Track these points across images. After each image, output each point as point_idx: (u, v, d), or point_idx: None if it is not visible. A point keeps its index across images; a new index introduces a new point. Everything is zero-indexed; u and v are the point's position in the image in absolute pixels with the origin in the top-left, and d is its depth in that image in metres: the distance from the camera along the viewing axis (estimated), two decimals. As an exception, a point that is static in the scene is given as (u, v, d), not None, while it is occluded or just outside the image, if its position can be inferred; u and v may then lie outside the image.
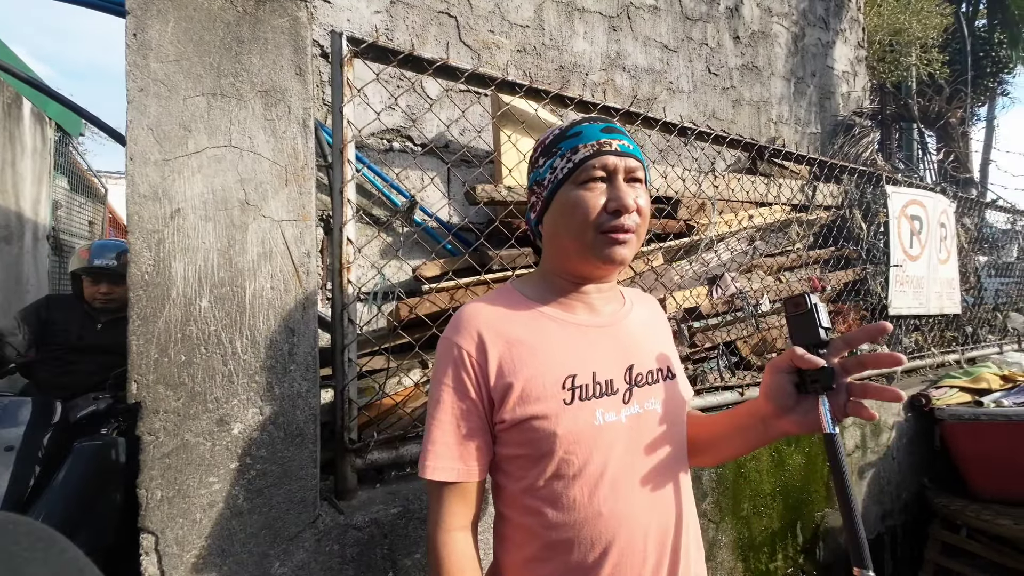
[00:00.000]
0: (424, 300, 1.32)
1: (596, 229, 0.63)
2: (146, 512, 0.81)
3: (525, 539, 0.64)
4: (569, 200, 0.64)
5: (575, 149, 0.64)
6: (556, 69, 2.20)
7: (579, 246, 0.64)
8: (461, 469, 0.62)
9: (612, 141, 0.64)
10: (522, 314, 0.66)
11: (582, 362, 0.63)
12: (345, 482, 1.04)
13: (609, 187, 0.63)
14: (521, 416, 0.61)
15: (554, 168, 0.66)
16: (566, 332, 0.66)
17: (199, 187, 0.87)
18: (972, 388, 2.14)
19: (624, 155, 0.64)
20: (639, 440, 0.64)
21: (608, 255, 0.63)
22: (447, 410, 0.63)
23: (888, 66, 4.48)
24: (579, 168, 0.64)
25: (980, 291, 3.25)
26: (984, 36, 7.07)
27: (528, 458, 0.62)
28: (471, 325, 0.64)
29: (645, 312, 0.76)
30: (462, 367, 0.63)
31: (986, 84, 7.00)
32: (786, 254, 2.25)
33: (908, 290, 2.45)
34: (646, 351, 0.69)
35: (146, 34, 0.85)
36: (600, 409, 0.62)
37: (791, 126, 3.24)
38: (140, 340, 0.82)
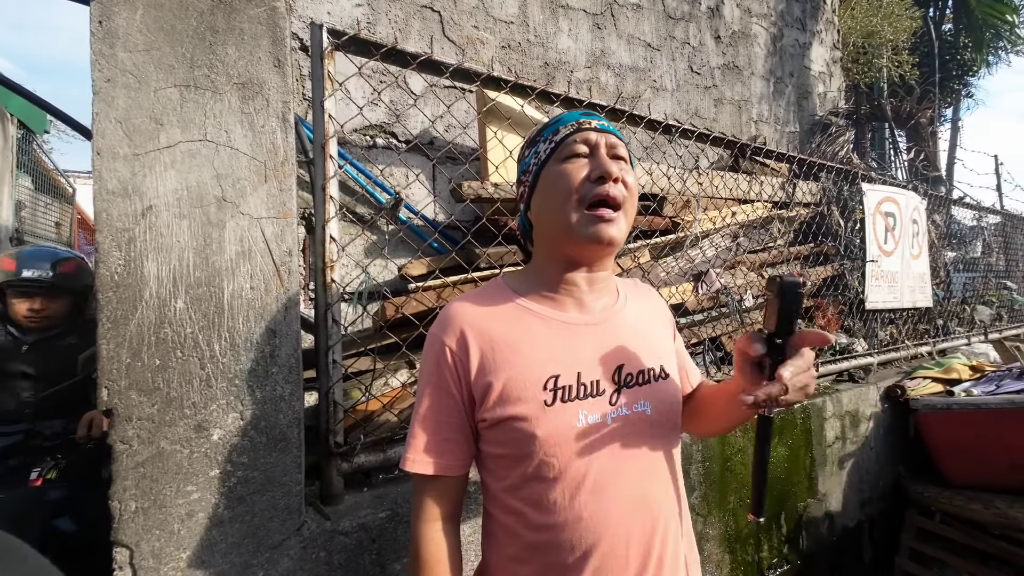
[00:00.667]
0: (410, 299, 1.30)
1: (581, 202, 0.61)
2: (119, 524, 0.77)
3: (507, 538, 0.64)
4: (551, 175, 0.64)
5: (556, 131, 0.66)
6: (541, 66, 2.19)
7: (564, 222, 0.62)
8: (438, 463, 0.62)
9: (591, 120, 0.65)
10: (508, 311, 0.65)
11: (567, 362, 0.62)
12: (331, 487, 1.02)
13: (591, 160, 0.63)
14: (501, 416, 0.60)
15: (538, 153, 0.67)
16: (552, 330, 0.64)
17: (172, 183, 0.83)
18: (944, 379, 2.21)
19: (604, 132, 0.64)
20: (626, 443, 0.62)
21: (594, 233, 0.61)
22: (428, 405, 0.64)
23: (862, 67, 4.61)
24: (561, 145, 0.64)
25: (949, 285, 3.37)
26: (950, 40, 7.35)
27: (509, 458, 0.61)
28: (455, 322, 0.64)
29: (641, 306, 0.74)
30: (444, 363, 0.63)
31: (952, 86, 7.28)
32: (768, 250, 2.29)
33: (883, 284, 2.53)
34: (639, 350, 0.67)
35: (112, 22, 0.80)
36: (583, 411, 0.60)
37: (771, 125, 3.30)
38: (111, 344, 0.78)
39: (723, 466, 1.59)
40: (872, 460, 2.10)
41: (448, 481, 0.64)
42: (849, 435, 2.01)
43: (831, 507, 1.91)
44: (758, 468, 0.65)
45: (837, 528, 1.91)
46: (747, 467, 1.65)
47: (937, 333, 2.91)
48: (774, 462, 1.73)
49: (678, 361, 0.75)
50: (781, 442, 1.75)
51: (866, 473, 2.07)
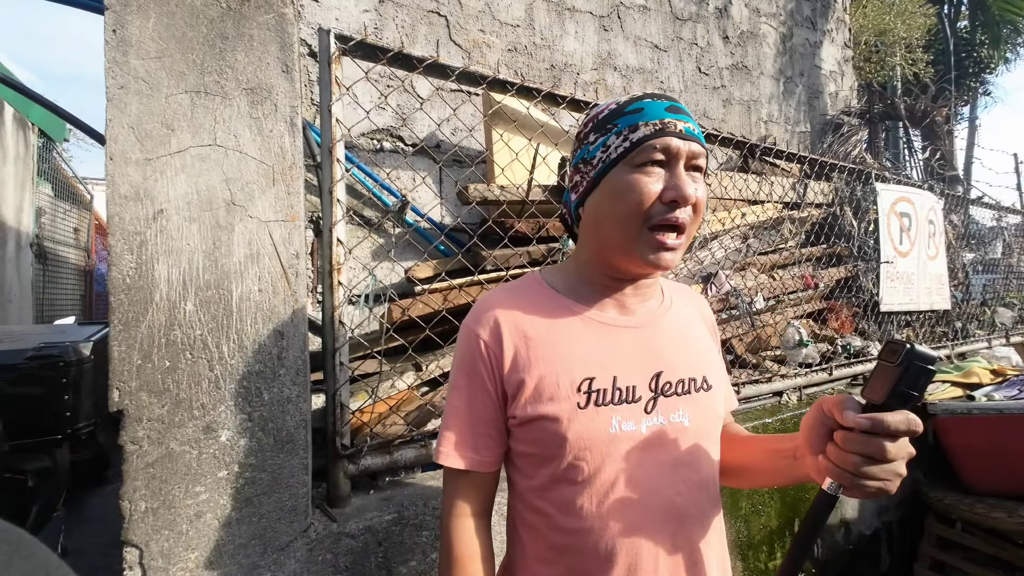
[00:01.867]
0: (417, 302, 1.30)
1: (646, 221, 0.56)
2: (129, 524, 0.77)
3: (533, 538, 0.62)
4: (621, 183, 0.57)
5: (634, 127, 0.57)
6: (547, 68, 2.20)
7: (623, 238, 0.57)
8: (473, 458, 0.61)
9: (677, 122, 0.56)
10: (545, 307, 0.62)
11: (603, 365, 0.59)
12: (338, 489, 1.02)
13: (668, 173, 0.56)
14: (532, 415, 0.58)
15: (607, 146, 0.59)
16: (590, 330, 0.61)
17: (183, 187, 0.85)
18: (963, 383, 2.15)
19: (688, 138, 0.56)
20: (661, 454, 0.58)
21: (654, 260, 0.57)
22: (462, 398, 0.62)
23: (874, 66, 4.54)
24: (637, 148, 0.56)
25: (968, 287, 3.29)
26: (966, 37, 7.22)
27: (537, 457, 0.60)
28: (490, 314, 0.62)
29: (687, 311, 0.69)
30: (478, 356, 0.61)
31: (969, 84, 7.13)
32: (779, 252, 2.26)
33: (899, 286, 2.47)
34: (681, 357, 0.63)
35: (126, 30, 0.82)
36: (617, 417, 0.58)
37: (781, 125, 3.26)
38: (122, 346, 0.79)
39: (734, 471, 1.56)
40: (889, 466, 2.05)
41: (481, 476, 0.62)
42: (865, 440, 1.96)
43: (846, 514, 1.86)
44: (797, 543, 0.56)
45: (853, 535, 1.86)
46: (759, 472, 1.62)
47: (956, 336, 2.83)
48: (787, 467, 1.69)
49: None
50: (794, 447, 1.72)
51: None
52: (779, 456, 0.62)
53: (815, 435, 0.53)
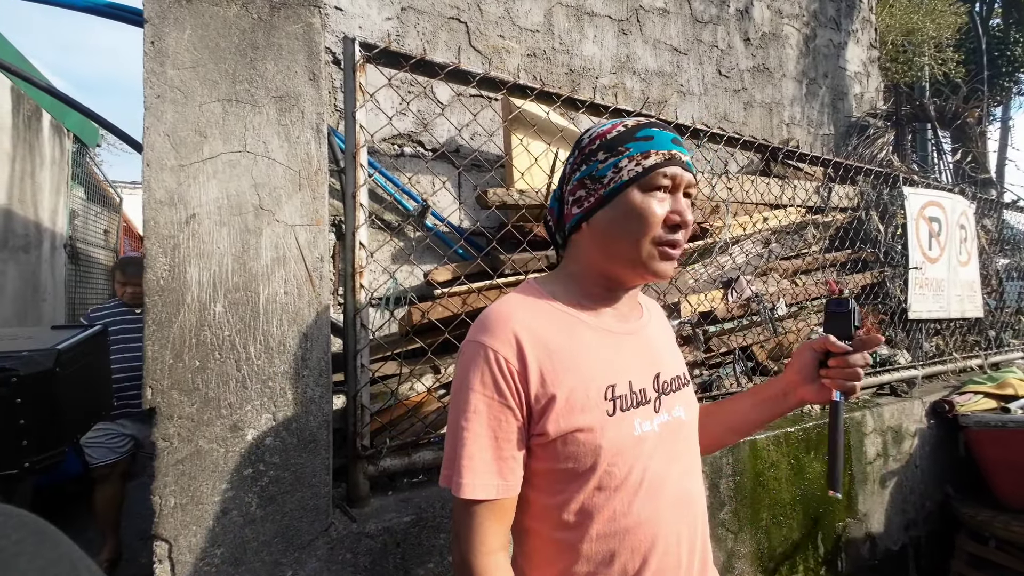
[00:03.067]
0: (436, 305, 1.32)
1: (654, 241, 0.62)
2: (160, 519, 0.80)
3: (557, 554, 0.60)
4: (635, 205, 0.61)
5: (646, 154, 0.62)
6: (566, 73, 2.20)
7: (634, 254, 0.62)
8: (501, 485, 0.57)
9: (680, 155, 0.64)
10: (557, 318, 0.63)
11: (618, 371, 0.63)
12: (357, 489, 1.03)
13: (672, 200, 0.63)
14: (566, 429, 0.57)
15: (619, 167, 0.62)
16: (601, 339, 0.64)
17: (214, 192, 0.88)
18: (998, 394, 2.07)
19: (688, 170, 0.65)
20: (671, 448, 0.64)
21: (661, 269, 0.64)
22: (482, 421, 0.57)
23: (901, 66, 4.42)
24: (649, 173, 0.62)
25: (1002, 294, 3.17)
26: (999, 35, 6.96)
27: (568, 472, 0.58)
28: (506, 328, 0.59)
29: (659, 318, 0.78)
30: (500, 374, 0.57)
31: (1002, 84, 6.87)
32: (802, 257, 2.21)
33: (928, 293, 2.39)
34: (667, 357, 0.70)
35: (163, 42, 0.85)
36: (638, 419, 0.62)
37: (803, 128, 3.20)
38: (155, 345, 0.82)
39: (755, 481, 1.53)
40: (917, 479, 1.98)
41: (508, 503, 0.58)
42: (892, 452, 1.90)
43: (872, 528, 1.80)
44: (833, 445, 0.72)
45: (879, 551, 1.80)
46: (780, 482, 1.58)
47: (989, 345, 2.73)
48: (809, 478, 1.65)
49: None
50: (816, 457, 1.68)
51: (910, 493, 1.95)
52: (769, 402, 0.77)
53: (811, 368, 0.73)
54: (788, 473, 1.60)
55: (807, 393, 0.73)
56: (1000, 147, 7.63)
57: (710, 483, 1.43)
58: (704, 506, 0.69)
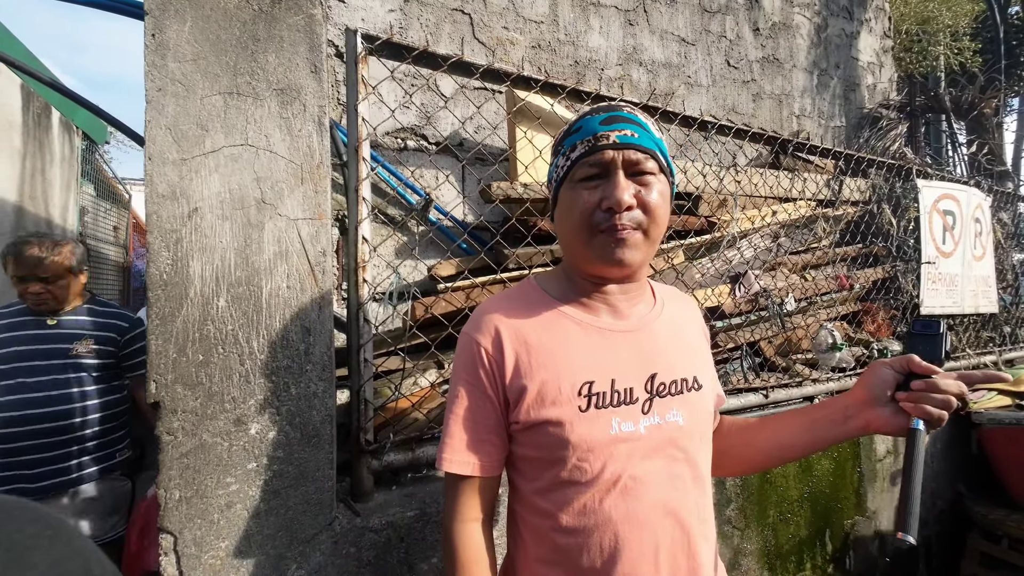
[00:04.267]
0: (440, 299, 1.31)
1: (593, 229, 0.60)
2: (165, 512, 0.80)
3: (536, 539, 0.63)
4: (567, 200, 0.63)
5: (573, 147, 0.62)
6: (571, 65, 2.17)
7: (580, 247, 0.62)
8: (475, 464, 0.62)
9: (611, 133, 0.60)
10: (543, 314, 0.65)
11: (601, 369, 0.61)
12: (361, 484, 1.03)
13: (604, 184, 0.60)
14: (535, 420, 0.60)
15: (557, 167, 0.65)
16: (587, 336, 0.63)
17: (216, 186, 0.87)
18: (1012, 391, 2.03)
19: (624, 147, 0.59)
20: (657, 453, 0.61)
21: (607, 256, 0.60)
22: (463, 405, 0.63)
23: (915, 56, 4.32)
24: (575, 166, 0.62)
25: (1018, 289, 3.10)
26: (1018, 23, 6.78)
27: (541, 461, 0.61)
28: (490, 322, 0.64)
29: (678, 314, 0.71)
30: (479, 363, 0.63)
31: (1019, 73, 6.70)
32: (811, 251, 2.18)
33: (941, 288, 2.35)
34: (673, 358, 0.66)
35: (164, 34, 0.85)
36: (616, 418, 0.60)
37: (814, 119, 3.14)
38: (159, 340, 0.82)
39: (762, 477, 1.51)
40: (929, 478, 1.95)
41: (484, 482, 0.64)
42: (902, 449, 1.87)
43: (881, 526, 1.78)
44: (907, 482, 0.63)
45: (889, 549, 1.78)
46: (787, 479, 1.56)
47: (1004, 341, 2.67)
48: (817, 475, 1.63)
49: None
50: (826, 454, 1.66)
51: (921, 491, 1.92)
52: (824, 423, 0.68)
53: (885, 388, 0.64)
54: (796, 470, 1.58)
55: (876, 418, 0.64)
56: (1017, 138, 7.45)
57: (716, 480, 1.42)
58: (702, 520, 0.63)
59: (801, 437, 0.69)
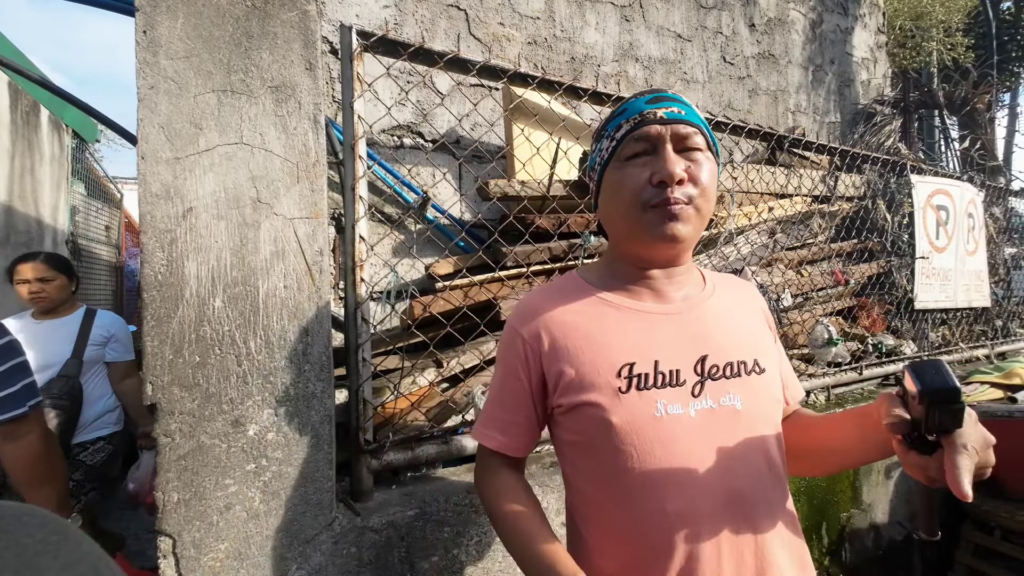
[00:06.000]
0: (438, 298, 1.30)
1: (644, 206, 0.58)
2: (163, 515, 0.80)
3: (590, 531, 0.62)
4: (614, 180, 0.62)
5: (618, 127, 0.62)
6: (568, 61, 2.16)
7: (629, 226, 0.61)
8: (501, 440, 0.66)
9: (657, 110, 0.59)
10: (582, 301, 0.65)
11: (642, 350, 0.59)
12: (361, 484, 1.03)
13: (653, 159, 0.58)
14: (574, 402, 0.60)
15: (601, 150, 0.64)
16: (628, 319, 0.62)
17: (211, 185, 0.86)
18: (1004, 384, 2.05)
19: (671, 122, 0.58)
20: (714, 438, 0.57)
21: (660, 232, 0.58)
22: (499, 387, 0.68)
23: (909, 52, 4.34)
24: (621, 144, 0.61)
25: (1010, 283, 3.13)
26: (1009, 19, 6.82)
27: (585, 446, 0.61)
28: (529, 312, 0.66)
29: (734, 298, 0.68)
30: (516, 351, 0.65)
31: (1011, 69, 6.74)
32: (807, 247, 2.19)
33: (935, 283, 2.37)
34: (727, 340, 0.61)
35: (156, 31, 0.83)
36: (662, 400, 0.57)
37: (809, 115, 3.15)
38: (154, 341, 0.81)
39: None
40: (923, 470, 1.97)
41: (509, 459, 0.68)
42: (897, 443, 1.89)
43: (877, 519, 1.80)
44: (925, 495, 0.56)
45: (884, 541, 1.80)
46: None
47: (996, 335, 2.70)
48: (814, 469, 1.64)
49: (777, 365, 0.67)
50: (822, 448, 1.67)
51: (915, 483, 1.94)
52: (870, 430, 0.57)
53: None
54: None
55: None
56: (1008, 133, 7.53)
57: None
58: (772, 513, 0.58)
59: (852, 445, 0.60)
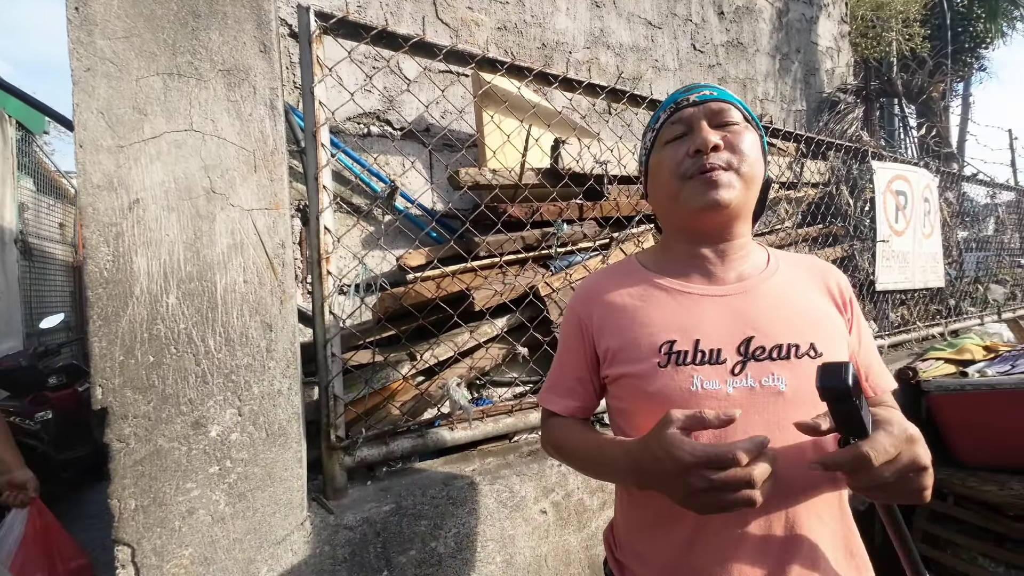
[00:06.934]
0: (410, 290, 1.28)
1: (683, 177, 0.62)
2: (119, 523, 0.76)
3: (632, 496, 0.68)
4: (655, 164, 0.67)
5: (658, 119, 0.68)
6: (538, 47, 2.14)
7: (673, 199, 0.64)
8: (560, 403, 0.73)
9: (690, 95, 0.65)
10: (634, 283, 0.69)
11: (685, 330, 0.62)
12: (334, 481, 1.01)
13: (691, 136, 0.63)
14: (618, 374, 0.65)
15: (645, 142, 0.71)
16: (675, 300, 0.65)
17: (159, 175, 0.81)
18: (956, 359, 2.17)
19: (702, 103, 0.63)
20: (752, 415, 0.57)
21: (700, 199, 0.61)
22: (561, 358, 0.75)
23: (870, 41, 4.47)
24: (660, 132, 0.67)
25: (962, 265, 3.30)
26: (963, 10, 7.11)
27: (628, 412, 0.66)
28: (586, 292, 0.73)
29: (797, 277, 0.67)
30: (572, 326, 0.72)
31: (964, 59, 7.06)
32: (775, 232, 2.24)
33: (894, 265, 2.47)
34: (780, 323, 0.61)
35: (89, 7, 0.77)
36: (699, 376, 0.59)
37: (777, 103, 3.22)
38: (102, 342, 0.76)
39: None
40: (883, 443, 2.07)
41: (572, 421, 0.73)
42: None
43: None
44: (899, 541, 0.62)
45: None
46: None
47: (949, 313, 2.85)
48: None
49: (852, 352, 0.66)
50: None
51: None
52: None
53: None
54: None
55: None
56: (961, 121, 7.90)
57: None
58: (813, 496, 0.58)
59: None
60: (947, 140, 5.20)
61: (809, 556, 0.57)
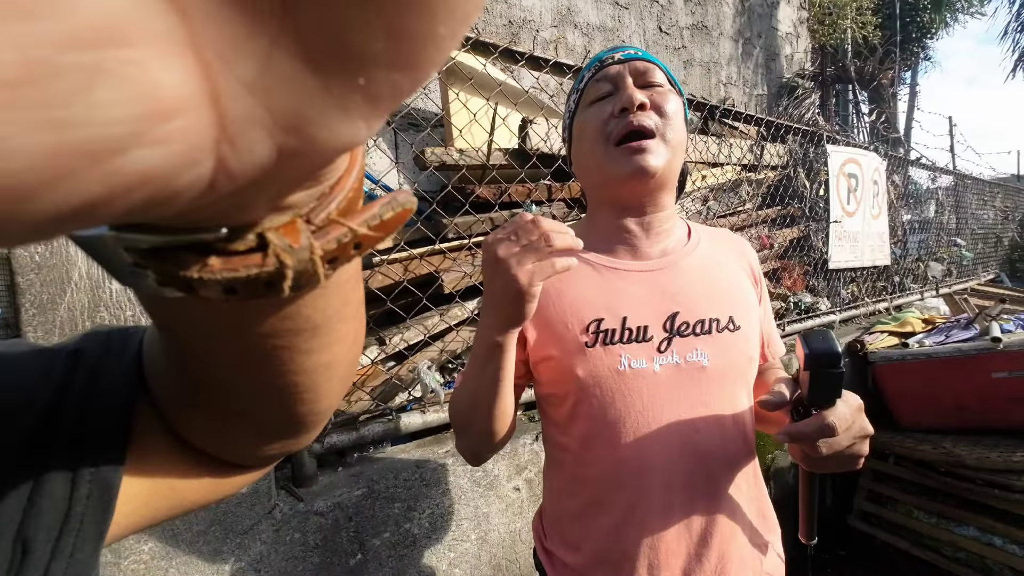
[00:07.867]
0: (376, 273, 1.25)
1: (608, 140, 0.59)
2: (69, 522, 0.72)
3: (559, 473, 0.66)
4: (579, 125, 0.64)
5: (582, 79, 0.65)
6: (505, 25, 2.09)
7: (598, 164, 0.61)
8: None
9: (615, 54, 0.62)
10: None
11: (612, 307, 0.60)
12: (303, 468, 0.99)
13: (615, 96, 0.60)
14: (543, 356, 0.61)
15: (569, 103, 0.67)
16: (601, 276, 0.63)
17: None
18: (899, 332, 2.33)
19: (627, 60, 0.61)
20: (675, 392, 0.58)
21: (629, 165, 0.57)
22: None
23: (827, 28, 4.62)
24: (584, 92, 0.63)
25: (905, 244, 3.53)
26: (911, 1, 7.44)
27: (554, 396, 0.63)
28: None
29: (719, 254, 0.67)
30: None
31: (912, 48, 7.41)
32: (737, 214, 2.32)
33: (846, 244, 2.61)
34: (702, 297, 0.62)
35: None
36: (626, 355, 0.58)
37: (739, 87, 3.29)
38: (38, 332, 0.71)
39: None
40: (833, 411, 2.21)
41: None
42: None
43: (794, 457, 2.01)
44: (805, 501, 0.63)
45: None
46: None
47: (894, 290, 3.05)
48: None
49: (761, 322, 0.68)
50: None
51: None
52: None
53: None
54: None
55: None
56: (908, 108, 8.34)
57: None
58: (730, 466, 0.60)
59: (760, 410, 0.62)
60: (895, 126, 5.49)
61: (728, 525, 0.60)
